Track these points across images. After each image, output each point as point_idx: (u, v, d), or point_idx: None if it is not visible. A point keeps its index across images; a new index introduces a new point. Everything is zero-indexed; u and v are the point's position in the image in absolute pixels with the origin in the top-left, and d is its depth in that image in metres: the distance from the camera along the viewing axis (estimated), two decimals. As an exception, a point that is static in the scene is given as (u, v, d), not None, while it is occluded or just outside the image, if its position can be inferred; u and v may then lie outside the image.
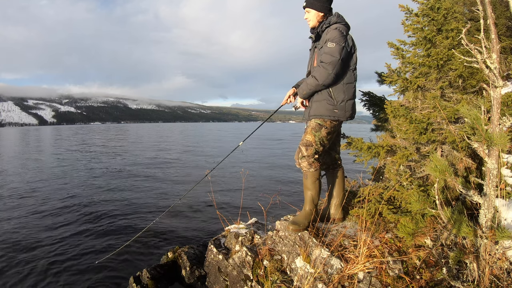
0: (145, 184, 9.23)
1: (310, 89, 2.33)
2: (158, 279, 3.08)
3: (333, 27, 2.22)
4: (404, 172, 2.53)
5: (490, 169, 1.60)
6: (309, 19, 2.39)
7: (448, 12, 2.32)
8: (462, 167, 2.33)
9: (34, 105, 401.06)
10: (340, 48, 2.16)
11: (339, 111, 2.31)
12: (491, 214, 1.64)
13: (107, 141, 29.43)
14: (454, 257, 1.73)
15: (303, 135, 2.41)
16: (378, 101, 3.17)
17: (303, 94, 2.40)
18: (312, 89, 2.32)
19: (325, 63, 2.17)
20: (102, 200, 7.41)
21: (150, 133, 51.11)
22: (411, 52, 2.56)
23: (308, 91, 2.35)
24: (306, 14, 2.39)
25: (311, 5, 2.33)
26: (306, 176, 2.40)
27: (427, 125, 2.29)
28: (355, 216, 2.57)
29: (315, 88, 2.30)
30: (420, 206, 1.96)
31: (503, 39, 3.33)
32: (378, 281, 1.94)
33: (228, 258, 2.73)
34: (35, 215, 6.17)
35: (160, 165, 13.34)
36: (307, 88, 2.34)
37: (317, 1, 2.31)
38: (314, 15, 2.34)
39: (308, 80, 2.33)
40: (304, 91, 2.37)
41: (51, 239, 4.92)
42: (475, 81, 2.36)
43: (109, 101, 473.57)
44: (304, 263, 2.24)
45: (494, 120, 1.55)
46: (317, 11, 2.32)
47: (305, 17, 2.40)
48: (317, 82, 2.24)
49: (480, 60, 1.55)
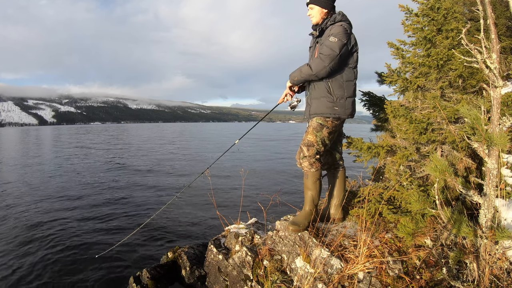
0: (143, 182, 9.25)
1: (302, 77, 2.33)
2: (158, 279, 3.08)
3: (338, 24, 2.23)
4: (404, 172, 2.53)
5: (490, 169, 1.60)
6: (312, 15, 2.38)
7: (448, 12, 2.32)
8: (462, 167, 2.33)
9: (34, 105, 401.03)
10: (341, 44, 2.16)
11: (339, 109, 2.30)
12: (491, 214, 1.64)
13: (106, 140, 29.43)
14: (454, 257, 1.73)
15: (305, 135, 2.41)
16: (378, 101, 3.17)
17: (294, 80, 2.40)
18: (303, 77, 2.33)
19: (323, 55, 2.18)
20: (100, 197, 7.43)
21: (150, 133, 51.09)
22: (411, 52, 2.56)
23: (300, 78, 2.36)
24: (310, 10, 2.37)
25: (315, 1, 2.33)
26: (307, 176, 2.40)
27: (427, 125, 2.29)
28: (355, 216, 2.57)
29: (307, 77, 2.30)
30: (420, 206, 1.96)
31: (503, 39, 3.33)
32: (378, 281, 1.94)
33: (228, 258, 2.73)
34: (33, 214, 6.17)
35: (160, 164, 13.34)
36: (299, 75, 2.34)
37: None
38: (318, 11, 2.34)
39: (302, 67, 2.33)
40: (295, 77, 2.38)
41: (49, 237, 4.92)
42: (475, 81, 2.36)
43: (109, 101, 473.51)
44: (304, 263, 2.24)
45: (494, 120, 1.55)
46: (321, 7, 2.32)
47: (308, 14, 2.39)
48: (311, 71, 2.24)
49: (480, 60, 1.55)
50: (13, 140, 36.55)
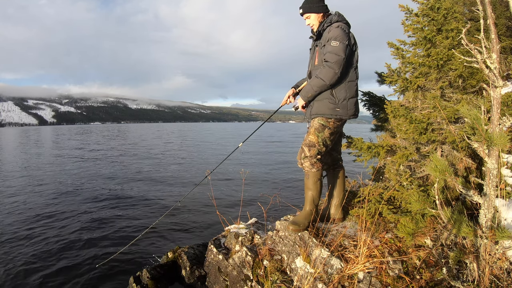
0: (145, 186, 9.22)
1: (316, 91, 2.27)
2: (158, 279, 3.08)
3: (335, 26, 2.21)
4: (404, 172, 2.53)
5: (490, 169, 1.60)
6: (311, 24, 2.37)
7: (448, 12, 2.32)
8: (462, 167, 2.33)
9: (34, 105, 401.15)
10: (344, 46, 2.15)
11: (341, 110, 2.29)
12: (491, 214, 1.64)
13: (107, 141, 29.43)
14: (454, 257, 1.73)
15: (306, 135, 2.41)
16: (378, 101, 3.17)
17: (308, 97, 2.33)
18: (318, 91, 2.26)
19: (331, 63, 2.14)
20: (101, 201, 7.42)
21: (150, 133, 51.09)
22: (411, 52, 2.56)
23: (314, 93, 2.28)
24: (308, 20, 2.36)
25: (309, 9, 2.32)
26: (308, 176, 2.40)
27: (427, 125, 2.29)
28: (355, 216, 2.57)
29: (321, 88, 2.25)
30: (420, 206, 1.96)
31: (503, 39, 3.33)
32: (378, 281, 1.94)
33: (228, 258, 2.73)
34: (34, 217, 6.17)
35: (160, 165, 13.34)
36: (312, 90, 2.27)
37: (312, 4, 2.31)
38: (315, 18, 2.33)
39: (312, 81, 2.27)
40: (309, 93, 2.30)
41: (50, 240, 4.92)
42: (475, 81, 2.36)
43: (109, 101, 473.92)
44: (304, 263, 2.24)
45: (494, 120, 1.55)
46: (316, 13, 2.32)
47: (308, 23, 2.38)
48: (324, 82, 2.19)
49: (480, 60, 1.55)
50: (12, 140, 36.57)
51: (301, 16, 2.39)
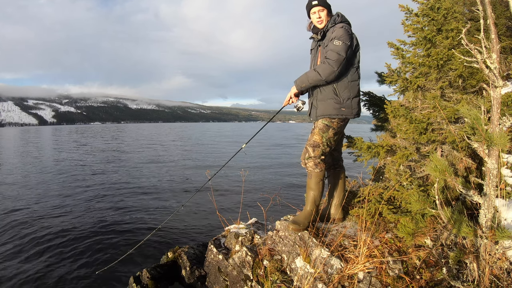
0: (146, 188, 9.20)
1: (310, 83, 2.30)
2: (158, 279, 3.08)
3: (339, 26, 2.22)
4: (404, 172, 2.53)
5: (490, 169, 1.60)
6: (322, 19, 2.32)
7: (448, 12, 2.32)
8: (462, 167, 2.33)
9: (34, 105, 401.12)
10: (346, 46, 2.16)
11: (346, 109, 2.31)
12: (491, 214, 1.64)
13: (107, 142, 29.42)
14: (454, 257, 1.73)
15: (310, 136, 2.41)
16: (378, 101, 3.17)
17: (301, 86, 2.36)
18: (311, 83, 2.29)
19: (331, 60, 2.15)
20: (102, 207, 7.39)
21: (150, 133, 51.05)
22: (411, 52, 2.56)
23: (308, 84, 2.32)
24: (321, 13, 2.30)
25: (325, 4, 2.29)
26: (311, 176, 2.40)
27: (427, 125, 2.29)
28: (355, 216, 2.57)
29: (316, 82, 2.27)
30: (420, 206, 1.96)
31: (503, 39, 3.33)
32: (378, 281, 1.94)
33: (228, 258, 2.73)
34: (36, 220, 6.15)
35: (161, 167, 13.34)
36: (306, 81, 2.30)
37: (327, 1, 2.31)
38: (327, 14, 2.32)
39: (309, 73, 2.29)
40: (303, 83, 2.33)
41: (52, 243, 4.92)
42: (475, 81, 2.36)
43: (109, 101, 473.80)
44: (304, 263, 2.24)
45: (494, 120, 1.55)
46: (328, 10, 2.31)
47: (319, 17, 2.31)
48: (320, 77, 2.21)
49: (480, 60, 1.55)
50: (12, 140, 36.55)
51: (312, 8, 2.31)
